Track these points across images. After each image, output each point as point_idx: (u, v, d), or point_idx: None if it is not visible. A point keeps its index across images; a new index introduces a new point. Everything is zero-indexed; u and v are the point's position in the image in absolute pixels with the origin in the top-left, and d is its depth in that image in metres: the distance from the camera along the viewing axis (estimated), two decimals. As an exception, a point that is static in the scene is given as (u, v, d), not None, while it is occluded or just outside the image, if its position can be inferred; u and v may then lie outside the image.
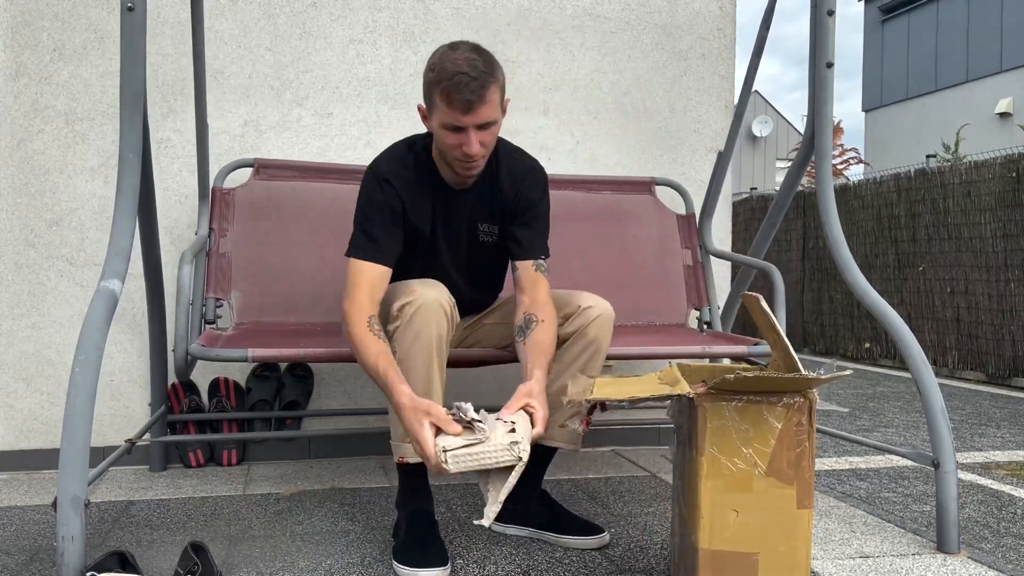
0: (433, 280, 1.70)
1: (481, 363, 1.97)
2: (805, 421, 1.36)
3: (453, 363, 1.92)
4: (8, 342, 2.45)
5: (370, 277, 1.68)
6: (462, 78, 1.55)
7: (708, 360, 2.72)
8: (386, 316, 1.73)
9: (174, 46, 2.54)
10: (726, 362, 2.71)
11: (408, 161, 1.76)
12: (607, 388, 1.46)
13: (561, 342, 1.78)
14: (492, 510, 1.41)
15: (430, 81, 1.61)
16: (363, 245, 1.70)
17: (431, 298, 1.62)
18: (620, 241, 2.66)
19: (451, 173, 1.76)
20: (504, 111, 1.69)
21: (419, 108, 1.70)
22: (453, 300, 1.68)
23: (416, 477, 1.74)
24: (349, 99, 2.66)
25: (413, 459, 1.67)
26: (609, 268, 2.61)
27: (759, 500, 1.36)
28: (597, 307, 1.76)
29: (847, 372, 1.35)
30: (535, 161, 1.87)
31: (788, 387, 1.35)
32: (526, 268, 1.80)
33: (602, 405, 1.61)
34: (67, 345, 2.48)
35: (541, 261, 1.82)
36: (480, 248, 1.87)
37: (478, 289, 1.96)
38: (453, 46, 1.62)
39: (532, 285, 1.78)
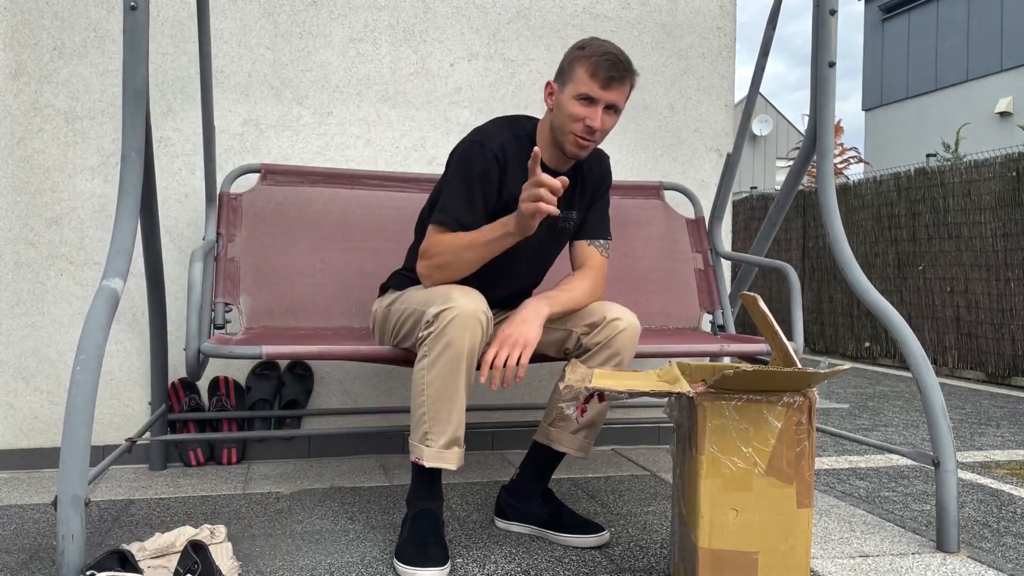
0: (471, 288, 1.70)
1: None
2: (805, 420, 1.36)
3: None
4: (8, 341, 2.45)
5: (437, 237, 1.77)
6: (612, 58, 1.73)
7: (709, 359, 2.72)
8: (418, 321, 1.73)
9: (174, 45, 2.54)
10: (728, 361, 2.71)
11: (510, 135, 1.82)
12: (606, 379, 1.46)
13: (585, 351, 1.80)
14: None
15: (575, 56, 1.75)
16: (452, 213, 1.76)
17: (469, 309, 1.61)
18: (630, 246, 2.65)
19: (557, 153, 1.82)
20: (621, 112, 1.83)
21: (548, 84, 1.81)
22: (490, 313, 1.68)
23: (428, 479, 1.74)
24: (349, 98, 2.66)
25: (429, 463, 1.67)
26: (620, 273, 2.61)
27: (759, 499, 1.36)
28: (624, 320, 1.79)
29: (845, 367, 1.35)
30: None
31: (787, 382, 1.35)
32: (581, 245, 1.94)
33: (600, 396, 1.62)
34: (67, 344, 2.48)
35: (605, 242, 1.95)
36: (556, 234, 1.91)
37: (531, 278, 1.98)
38: (598, 38, 1.79)
39: (586, 258, 1.92)
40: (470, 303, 1.62)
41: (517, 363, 1.65)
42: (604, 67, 1.71)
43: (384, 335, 1.92)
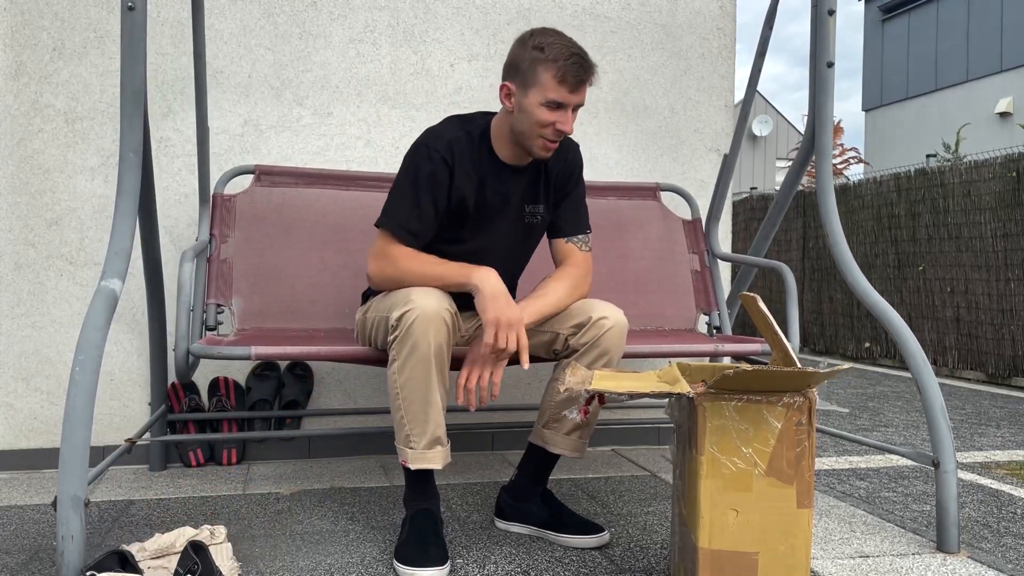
0: (433, 288, 1.69)
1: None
2: (805, 421, 1.36)
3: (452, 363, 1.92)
4: (8, 341, 2.45)
5: (385, 242, 1.75)
6: (578, 60, 1.67)
7: (709, 359, 2.72)
8: (384, 326, 1.73)
9: (173, 45, 2.54)
10: (727, 361, 2.71)
11: (461, 134, 1.78)
12: (606, 381, 1.46)
13: (572, 351, 1.80)
14: None
15: (537, 59, 1.67)
16: (398, 218, 1.73)
17: (430, 308, 1.61)
18: (626, 247, 2.65)
19: (517, 151, 1.79)
20: None
21: (504, 86, 1.73)
22: (455, 308, 1.68)
23: (420, 479, 1.75)
24: (349, 99, 2.66)
25: (413, 465, 1.68)
26: (616, 274, 2.61)
27: (759, 500, 1.36)
28: (611, 318, 1.77)
29: (845, 367, 1.35)
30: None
31: (787, 382, 1.35)
32: (559, 243, 1.91)
33: (600, 398, 1.62)
34: (67, 344, 2.48)
35: (584, 236, 1.92)
36: (523, 229, 1.89)
37: (507, 275, 1.96)
38: (550, 31, 1.71)
39: (566, 255, 1.89)
40: (431, 302, 1.62)
41: (490, 381, 1.66)
42: (573, 71, 1.66)
43: (364, 342, 1.93)
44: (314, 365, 2.66)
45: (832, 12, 2.16)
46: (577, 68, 1.66)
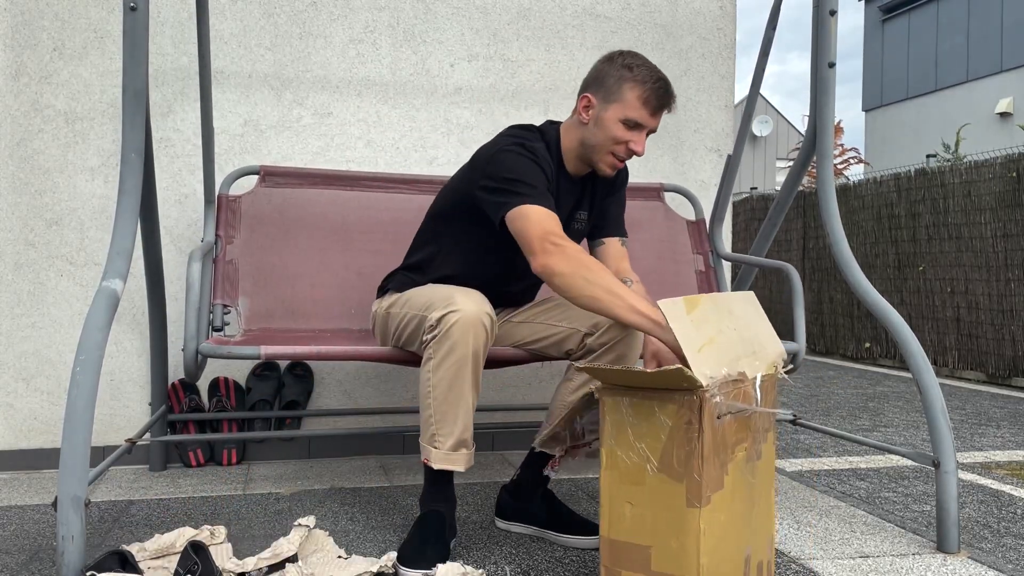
0: (473, 290, 1.69)
1: (505, 363, 1.95)
2: (695, 421, 1.33)
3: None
4: (8, 342, 2.45)
5: (546, 217, 1.62)
6: (664, 85, 1.72)
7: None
8: (421, 325, 1.72)
9: (174, 46, 2.54)
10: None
11: (542, 144, 1.79)
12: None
13: (588, 353, 1.80)
14: None
15: (625, 77, 1.71)
16: (526, 192, 1.64)
17: (471, 312, 1.61)
18: (631, 247, 2.64)
19: (580, 164, 1.82)
20: None
21: (585, 97, 1.75)
22: (494, 315, 1.68)
23: (438, 480, 1.74)
24: (349, 99, 2.67)
25: (437, 465, 1.68)
26: (620, 273, 2.61)
27: (651, 495, 1.37)
28: None
29: (672, 368, 1.29)
30: None
31: (665, 382, 1.33)
32: (613, 243, 1.93)
33: (570, 450, 1.70)
34: (67, 345, 2.48)
35: (625, 238, 1.96)
36: (570, 235, 1.88)
37: (538, 279, 1.97)
38: (639, 55, 1.74)
39: (621, 257, 1.92)
40: (473, 306, 1.61)
41: None
42: (658, 95, 1.70)
43: (386, 337, 1.91)
44: (314, 365, 2.66)
45: (833, 12, 2.16)
46: (662, 93, 1.70)
